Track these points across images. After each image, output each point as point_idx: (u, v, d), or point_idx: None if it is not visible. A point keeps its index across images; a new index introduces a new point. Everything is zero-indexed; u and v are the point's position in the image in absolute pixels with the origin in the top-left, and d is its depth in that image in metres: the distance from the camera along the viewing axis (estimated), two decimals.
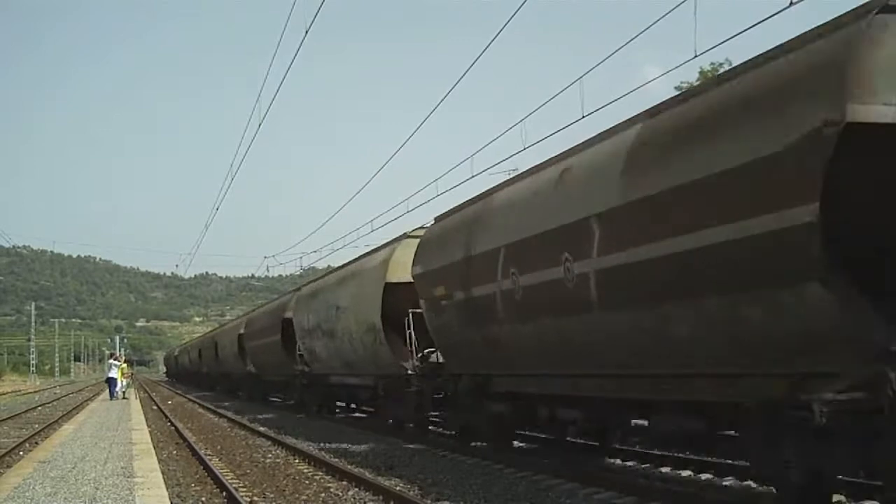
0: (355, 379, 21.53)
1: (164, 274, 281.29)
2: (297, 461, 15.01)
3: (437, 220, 15.62)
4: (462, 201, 14.53)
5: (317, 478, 12.84)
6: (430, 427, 18.51)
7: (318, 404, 27.00)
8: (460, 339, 13.65)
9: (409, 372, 16.72)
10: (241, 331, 37.61)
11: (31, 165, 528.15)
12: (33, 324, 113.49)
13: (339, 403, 27.19)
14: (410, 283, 15.95)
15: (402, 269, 16.85)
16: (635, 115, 9.42)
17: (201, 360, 57.85)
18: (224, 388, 49.03)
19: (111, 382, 35.52)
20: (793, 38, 7.14)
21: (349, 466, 13.55)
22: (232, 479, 12.79)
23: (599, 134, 10.07)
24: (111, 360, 37.45)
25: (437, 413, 17.50)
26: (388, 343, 17.41)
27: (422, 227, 17.39)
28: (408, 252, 16.60)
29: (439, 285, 13.95)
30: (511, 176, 13.61)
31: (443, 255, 14.01)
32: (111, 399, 34.46)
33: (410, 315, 16.24)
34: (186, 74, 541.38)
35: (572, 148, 10.66)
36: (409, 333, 16.47)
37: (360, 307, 19.16)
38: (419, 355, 16.60)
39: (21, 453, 16.85)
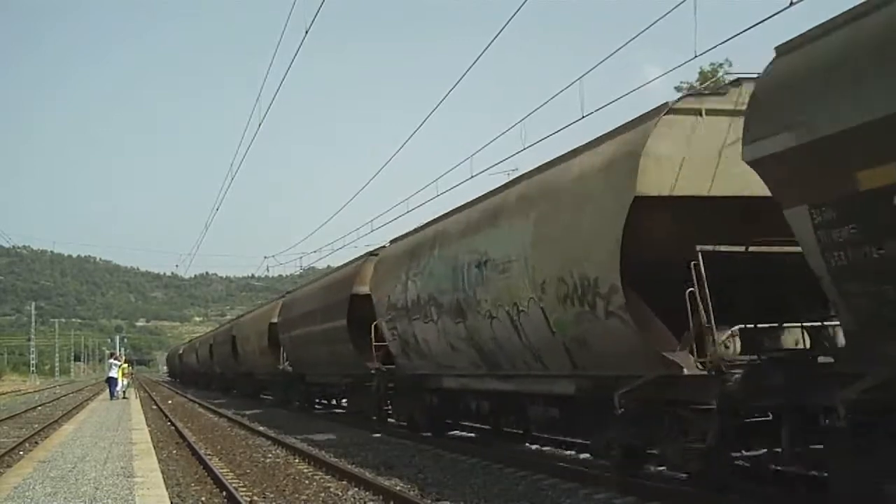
0: (507, 383, 13.02)
1: (164, 274, 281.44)
2: (297, 461, 15.00)
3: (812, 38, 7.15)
4: None
5: (317, 478, 12.83)
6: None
7: (408, 418, 18.56)
8: None
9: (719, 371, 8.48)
10: (275, 319, 30.25)
11: (31, 165, 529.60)
12: (33, 324, 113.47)
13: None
14: (685, 199, 9.01)
15: (661, 167, 9.11)
16: None
17: (213, 358, 50.51)
18: (244, 391, 41.44)
19: (111, 382, 35.52)
20: None
21: (349, 466, 13.55)
22: (232, 478, 12.79)
23: None
24: (111, 360, 37.47)
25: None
26: (631, 315, 9.02)
27: (691, 95, 10.04)
28: (672, 137, 9.12)
29: None
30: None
31: None
32: (111, 399, 34.45)
33: (700, 257, 8.48)
34: (186, 74, 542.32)
35: None
36: (697, 295, 8.46)
37: (550, 252, 10.48)
38: (726, 335, 8.64)
39: (21, 453, 16.84)
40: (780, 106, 7.31)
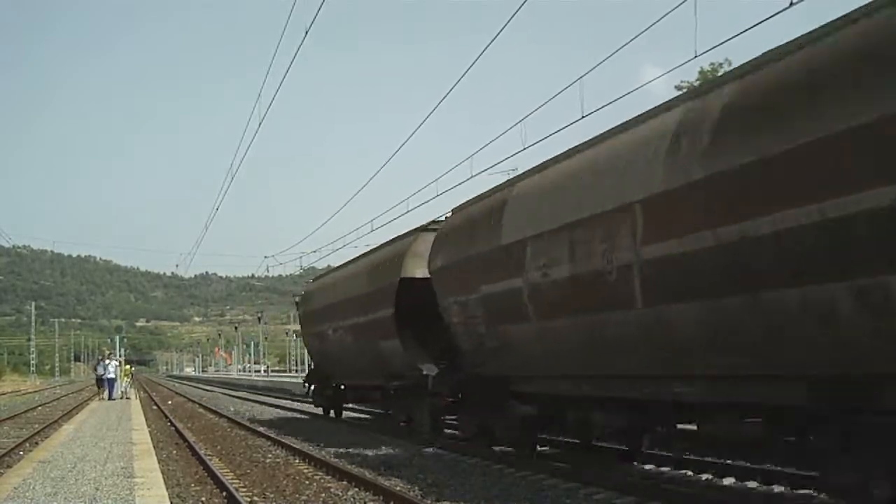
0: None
1: (164, 274, 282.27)
2: (297, 461, 14.98)
3: None
4: None
5: (317, 478, 12.83)
6: None
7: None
8: None
9: None
10: None
11: (32, 165, 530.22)
12: (33, 324, 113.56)
13: None
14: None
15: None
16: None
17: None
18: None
19: (109, 382, 35.45)
20: None
21: (349, 466, 13.54)
22: (232, 479, 12.77)
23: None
24: (106, 361, 37.36)
25: None
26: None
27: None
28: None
29: None
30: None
31: None
32: (109, 399, 34.47)
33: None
34: (186, 74, 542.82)
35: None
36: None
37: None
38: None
39: (21, 453, 16.82)
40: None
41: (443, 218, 16.38)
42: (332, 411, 25.39)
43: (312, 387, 26.23)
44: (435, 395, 15.50)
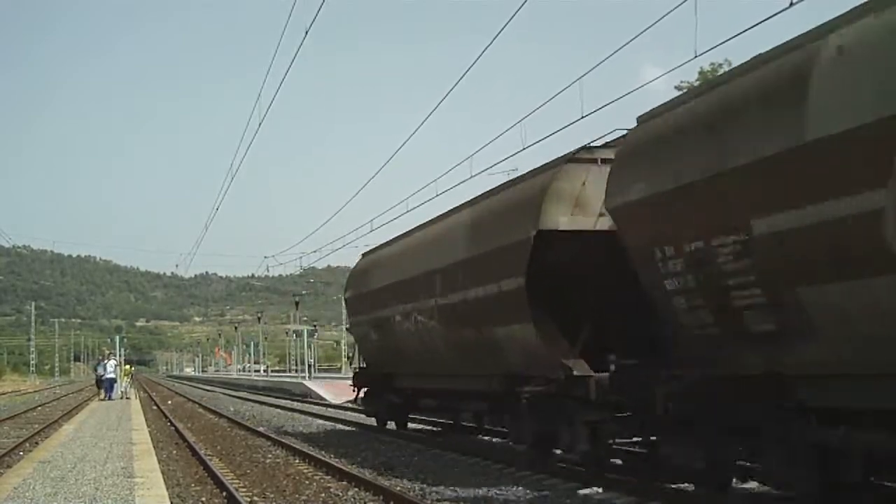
0: None
1: (164, 274, 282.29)
2: (297, 461, 14.98)
3: None
4: None
5: (317, 478, 12.82)
6: None
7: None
8: None
9: None
10: None
11: (32, 165, 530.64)
12: (33, 324, 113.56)
13: None
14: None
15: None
16: None
17: None
18: None
19: (109, 382, 35.41)
20: None
21: (349, 466, 13.54)
22: (232, 479, 12.77)
23: None
24: (106, 361, 37.39)
25: None
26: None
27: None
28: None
29: None
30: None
31: None
32: (109, 399, 34.43)
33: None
34: (186, 74, 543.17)
35: None
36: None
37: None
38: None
39: (21, 453, 16.82)
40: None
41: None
42: (388, 422, 20.11)
43: (363, 391, 20.95)
44: (601, 407, 10.28)
